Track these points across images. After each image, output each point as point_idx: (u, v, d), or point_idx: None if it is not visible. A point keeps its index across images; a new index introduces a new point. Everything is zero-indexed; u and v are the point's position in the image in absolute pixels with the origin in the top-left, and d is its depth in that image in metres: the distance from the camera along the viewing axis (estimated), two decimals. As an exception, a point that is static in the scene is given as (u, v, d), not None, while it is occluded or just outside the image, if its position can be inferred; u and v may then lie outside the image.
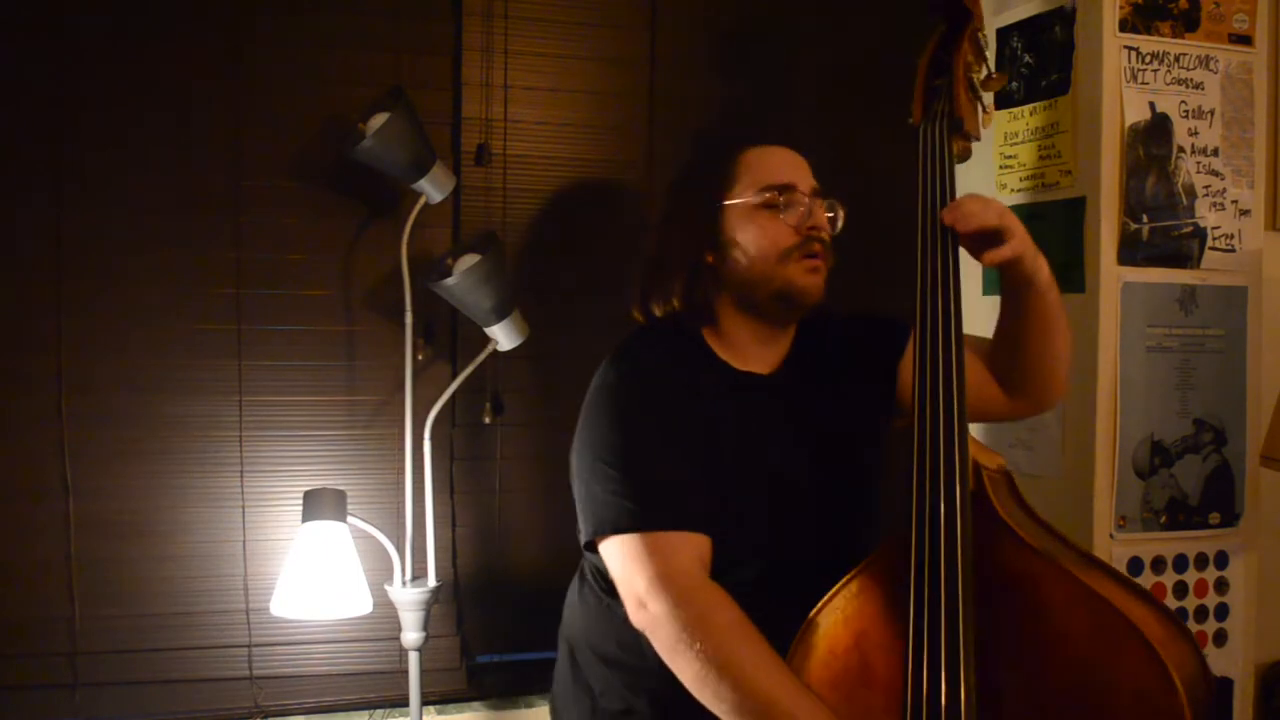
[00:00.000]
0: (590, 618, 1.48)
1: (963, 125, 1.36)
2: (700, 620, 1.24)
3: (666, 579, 1.26)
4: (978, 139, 1.40)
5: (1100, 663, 1.12)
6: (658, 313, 1.48)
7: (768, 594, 1.30)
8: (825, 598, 1.29)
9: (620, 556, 1.32)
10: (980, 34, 1.43)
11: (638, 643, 1.34)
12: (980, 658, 1.17)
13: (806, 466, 1.44)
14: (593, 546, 1.37)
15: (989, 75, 1.43)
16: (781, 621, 1.26)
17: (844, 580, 1.29)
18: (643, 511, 1.30)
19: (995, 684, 1.18)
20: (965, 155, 1.40)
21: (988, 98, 1.44)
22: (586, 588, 1.50)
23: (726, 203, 1.44)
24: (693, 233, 1.45)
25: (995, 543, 1.21)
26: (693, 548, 1.30)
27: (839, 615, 1.28)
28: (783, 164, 1.45)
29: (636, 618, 1.30)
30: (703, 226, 1.44)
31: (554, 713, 1.58)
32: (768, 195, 1.42)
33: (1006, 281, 1.40)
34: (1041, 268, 1.37)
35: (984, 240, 1.31)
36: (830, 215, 1.46)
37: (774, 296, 1.42)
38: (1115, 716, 1.11)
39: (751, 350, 1.47)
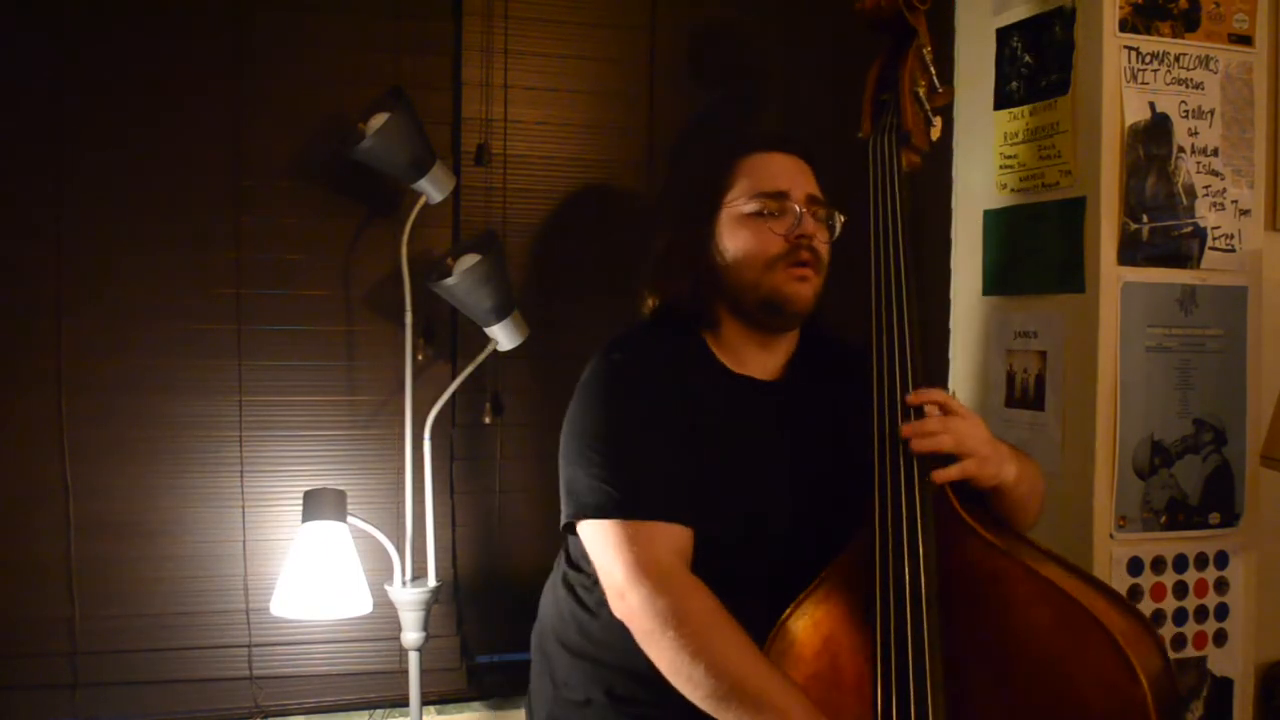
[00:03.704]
0: (560, 607, 1.49)
1: (910, 138, 1.39)
2: (675, 608, 1.25)
3: (644, 567, 1.27)
4: (927, 151, 1.44)
5: (1065, 656, 1.13)
6: (661, 311, 1.49)
7: (742, 591, 1.30)
8: (795, 602, 1.30)
9: (600, 541, 1.33)
10: (925, 50, 1.45)
11: (602, 633, 1.38)
12: (948, 656, 1.18)
13: (794, 474, 1.43)
14: (572, 529, 1.39)
15: (934, 90, 1.45)
16: (752, 620, 1.27)
17: (813, 584, 1.31)
18: (625, 499, 1.31)
19: (963, 683, 1.19)
20: (915, 169, 1.43)
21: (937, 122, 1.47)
22: (559, 577, 1.52)
23: (723, 208, 1.45)
24: (694, 236, 1.46)
25: (959, 542, 1.23)
26: (672, 538, 1.31)
27: (808, 619, 1.30)
28: (780, 171, 1.45)
29: (616, 606, 1.31)
30: (703, 230, 1.46)
31: (528, 710, 1.59)
32: (759, 203, 1.42)
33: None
34: (1005, 474, 1.33)
35: (936, 458, 1.30)
36: (825, 224, 1.45)
37: (761, 304, 1.42)
38: (1082, 710, 1.12)
39: (750, 355, 1.47)
